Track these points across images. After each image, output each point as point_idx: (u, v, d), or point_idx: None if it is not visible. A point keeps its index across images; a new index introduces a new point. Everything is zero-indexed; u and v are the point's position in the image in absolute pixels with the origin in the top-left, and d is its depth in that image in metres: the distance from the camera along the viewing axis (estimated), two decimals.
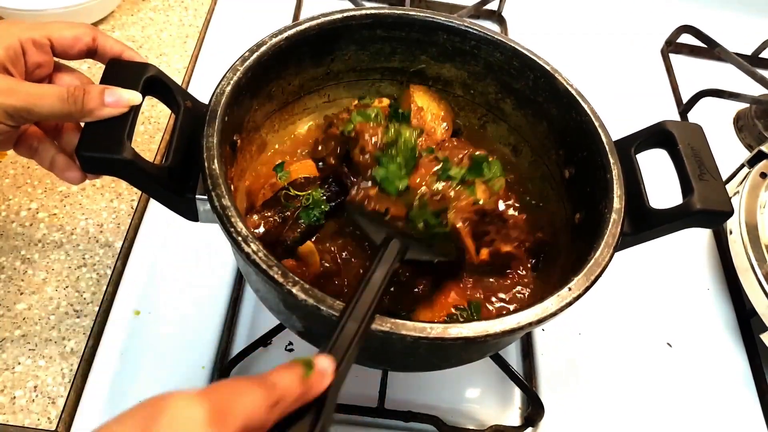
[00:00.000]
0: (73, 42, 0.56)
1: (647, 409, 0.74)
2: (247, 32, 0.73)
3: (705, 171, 0.57)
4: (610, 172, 0.59)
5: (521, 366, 0.75)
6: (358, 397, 0.69)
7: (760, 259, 0.76)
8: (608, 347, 0.78)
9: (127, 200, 0.80)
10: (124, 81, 0.53)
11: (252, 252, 0.48)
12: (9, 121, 0.51)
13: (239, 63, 0.59)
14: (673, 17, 1.17)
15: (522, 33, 1.09)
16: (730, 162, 0.91)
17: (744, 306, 0.83)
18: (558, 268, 0.64)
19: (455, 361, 0.62)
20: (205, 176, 0.51)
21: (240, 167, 0.65)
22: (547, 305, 0.50)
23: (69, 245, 0.75)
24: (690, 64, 1.15)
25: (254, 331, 0.72)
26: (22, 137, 0.57)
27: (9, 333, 0.68)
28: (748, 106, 1.06)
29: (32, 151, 0.57)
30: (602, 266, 0.53)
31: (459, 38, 0.70)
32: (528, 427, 0.70)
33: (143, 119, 0.88)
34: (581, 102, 0.64)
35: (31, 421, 0.63)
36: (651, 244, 0.60)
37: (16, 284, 0.71)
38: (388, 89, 0.77)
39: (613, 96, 0.92)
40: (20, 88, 0.51)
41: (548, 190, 0.70)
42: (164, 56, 0.97)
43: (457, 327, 0.47)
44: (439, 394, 0.71)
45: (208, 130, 0.54)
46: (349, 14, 0.66)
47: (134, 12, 1.02)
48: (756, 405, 0.77)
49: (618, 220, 0.56)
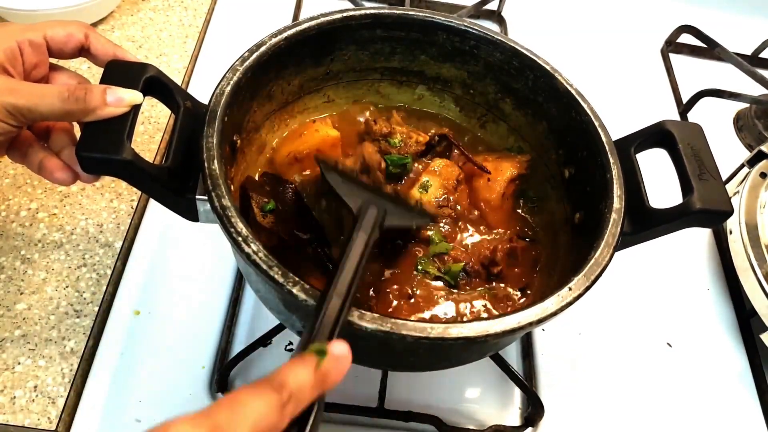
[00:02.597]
0: (66, 39, 0.56)
1: (647, 409, 0.74)
2: (247, 32, 0.73)
3: (705, 171, 0.57)
4: (610, 172, 0.59)
5: (521, 366, 0.75)
6: (358, 397, 0.69)
7: (760, 259, 0.76)
8: (608, 347, 0.78)
9: (127, 200, 0.80)
10: (125, 81, 0.53)
11: (252, 252, 0.48)
12: (11, 120, 0.51)
13: (239, 63, 0.59)
14: (673, 17, 1.17)
15: (522, 33, 1.09)
16: (730, 162, 0.91)
17: (744, 306, 0.83)
18: (558, 268, 0.64)
19: (455, 361, 0.62)
20: (205, 176, 0.51)
21: (240, 167, 0.65)
22: (547, 305, 0.50)
23: (69, 245, 0.75)
24: (690, 64, 1.15)
25: (254, 331, 0.72)
26: (15, 141, 0.57)
27: (9, 333, 0.68)
28: (748, 106, 1.06)
29: (23, 155, 0.57)
30: (602, 266, 0.53)
31: (459, 38, 0.70)
32: (528, 427, 0.70)
33: (143, 119, 0.88)
34: (581, 102, 0.64)
35: (31, 421, 0.63)
36: (651, 244, 0.60)
37: (16, 284, 0.71)
38: (387, 89, 0.77)
39: (613, 96, 0.92)
40: (21, 87, 0.51)
41: (548, 190, 0.71)
42: (164, 56, 0.97)
43: (457, 327, 0.47)
44: (439, 394, 0.71)
45: (207, 130, 0.54)
46: (348, 14, 0.66)
47: (134, 12, 1.02)
48: (756, 405, 0.77)
49: (618, 220, 0.56)
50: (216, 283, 0.75)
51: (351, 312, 0.46)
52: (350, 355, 0.41)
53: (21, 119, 0.51)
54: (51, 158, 0.56)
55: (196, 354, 0.70)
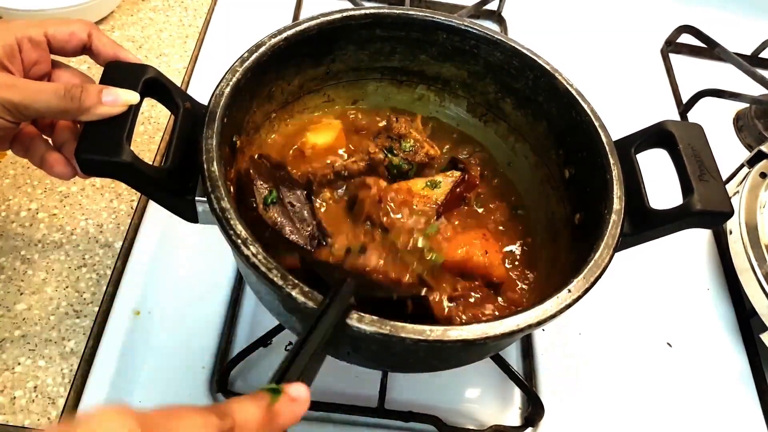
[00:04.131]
0: (68, 37, 0.56)
1: (647, 409, 0.74)
2: (246, 32, 0.72)
3: (705, 171, 0.57)
4: (610, 173, 0.59)
5: (521, 366, 0.75)
6: (358, 397, 0.69)
7: (760, 259, 0.76)
8: (608, 347, 0.78)
9: (127, 200, 0.80)
10: (123, 82, 0.53)
11: (252, 254, 0.48)
12: (8, 116, 0.51)
13: (238, 64, 0.59)
14: (673, 17, 1.17)
15: (522, 33, 1.09)
16: (730, 162, 0.91)
17: (744, 306, 0.83)
18: (558, 269, 0.64)
19: (455, 362, 0.62)
20: (205, 178, 0.51)
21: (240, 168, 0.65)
22: (547, 307, 0.50)
23: (69, 245, 0.75)
24: (690, 64, 1.15)
25: (254, 332, 0.72)
26: (19, 136, 0.57)
27: (9, 333, 0.68)
28: (748, 106, 1.06)
29: (25, 149, 0.58)
30: (602, 267, 0.53)
31: (459, 38, 0.70)
32: (528, 427, 0.70)
33: (143, 120, 0.88)
34: (581, 102, 0.64)
35: (31, 422, 0.63)
36: (651, 244, 0.60)
37: (16, 284, 0.71)
38: (388, 89, 0.77)
39: (613, 96, 0.92)
40: (18, 83, 0.52)
41: (548, 190, 0.70)
42: (164, 56, 0.97)
43: (456, 329, 0.47)
44: (439, 394, 0.71)
45: (207, 131, 0.54)
46: (348, 14, 0.66)
47: (134, 12, 1.02)
48: (756, 405, 0.77)
49: (618, 221, 0.56)
50: (216, 283, 0.75)
51: (350, 317, 0.46)
52: (308, 400, 0.39)
53: (17, 115, 0.51)
54: (52, 153, 0.57)
55: (196, 354, 0.70)
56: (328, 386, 0.69)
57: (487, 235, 0.68)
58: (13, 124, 0.52)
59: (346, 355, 0.58)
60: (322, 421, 0.68)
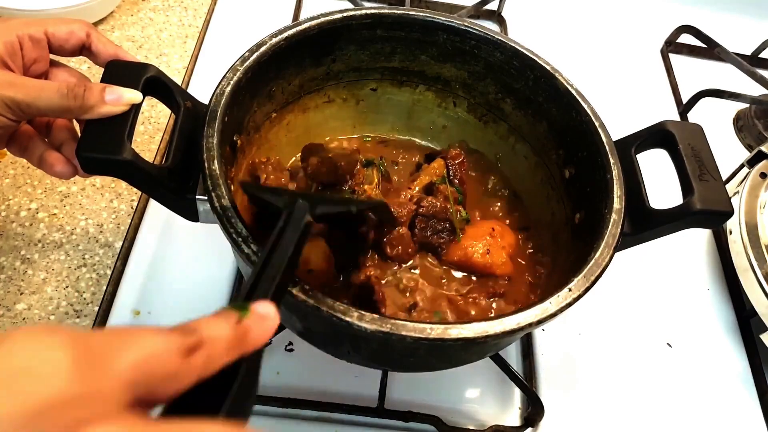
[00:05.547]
0: (67, 36, 0.56)
1: (647, 409, 0.74)
2: (247, 32, 0.73)
3: (705, 171, 0.57)
4: (610, 172, 0.59)
5: (521, 366, 0.75)
6: (358, 397, 0.69)
7: (760, 259, 0.76)
8: (608, 347, 0.78)
9: (127, 200, 0.80)
10: (125, 81, 0.53)
11: (252, 253, 0.48)
12: (9, 114, 0.51)
13: (239, 63, 0.59)
14: (673, 17, 1.17)
15: (522, 33, 1.09)
16: (730, 162, 0.91)
17: (744, 306, 0.83)
18: (558, 269, 0.64)
19: (455, 361, 0.62)
20: (205, 177, 0.51)
21: (240, 167, 0.65)
22: (547, 306, 0.50)
23: (69, 245, 0.75)
24: (690, 64, 1.15)
25: None
26: (15, 136, 0.57)
27: None
28: (748, 106, 1.06)
29: (23, 149, 0.57)
30: (602, 267, 0.53)
31: (459, 38, 0.70)
32: (528, 427, 0.70)
33: (143, 119, 0.88)
34: (581, 102, 0.64)
35: None
36: (651, 244, 0.60)
37: (16, 284, 0.71)
38: (388, 89, 0.77)
39: (613, 96, 0.92)
40: (20, 81, 0.52)
41: (548, 190, 0.71)
42: (164, 56, 0.97)
43: (456, 328, 0.47)
44: (439, 394, 0.71)
45: (208, 130, 0.54)
46: (348, 14, 0.66)
47: (134, 12, 1.02)
48: (756, 405, 0.77)
49: (618, 221, 0.56)
50: (216, 283, 0.75)
51: (336, 306, 0.46)
52: (277, 317, 0.36)
53: (19, 113, 0.51)
54: (51, 152, 0.57)
55: None
56: (328, 386, 0.69)
57: (496, 230, 0.68)
58: (14, 122, 0.52)
59: (346, 355, 0.58)
60: (322, 421, 0.68)
